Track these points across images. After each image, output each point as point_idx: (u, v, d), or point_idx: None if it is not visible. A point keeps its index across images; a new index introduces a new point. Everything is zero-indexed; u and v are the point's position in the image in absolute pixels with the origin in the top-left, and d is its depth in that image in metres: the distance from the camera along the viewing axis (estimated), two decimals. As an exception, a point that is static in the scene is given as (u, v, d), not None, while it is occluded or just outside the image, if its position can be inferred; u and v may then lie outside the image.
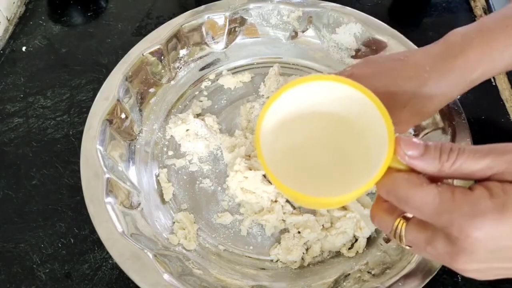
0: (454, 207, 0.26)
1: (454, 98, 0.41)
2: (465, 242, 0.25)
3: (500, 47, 0.38)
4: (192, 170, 0.51)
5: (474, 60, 0.38)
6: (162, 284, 0.39)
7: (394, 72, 0.40)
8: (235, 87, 0.57)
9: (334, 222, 0.46)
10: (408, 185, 0.27)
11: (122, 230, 0.42)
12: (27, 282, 0.44)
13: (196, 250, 0.46)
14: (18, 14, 0.65)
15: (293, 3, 0.57)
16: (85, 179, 0.44)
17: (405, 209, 0.28)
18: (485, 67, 0.38)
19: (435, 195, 0.26)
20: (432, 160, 0.27)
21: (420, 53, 0.41)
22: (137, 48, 0.53)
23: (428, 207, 0.26)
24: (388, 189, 0.28)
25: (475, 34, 0.39)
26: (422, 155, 0.27)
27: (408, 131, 0.51)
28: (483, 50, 0.38)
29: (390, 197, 0.29)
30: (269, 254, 0.46)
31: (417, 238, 0.28)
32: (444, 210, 0.26)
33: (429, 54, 0.40)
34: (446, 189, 0.26)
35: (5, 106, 0.56)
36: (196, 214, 0.48)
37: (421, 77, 0.39)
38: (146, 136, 0.53)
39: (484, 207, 0.25)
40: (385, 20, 0.55)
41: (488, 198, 0.25)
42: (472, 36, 0.38)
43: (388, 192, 0.29)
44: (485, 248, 0.26)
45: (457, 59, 0.38)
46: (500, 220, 0.25)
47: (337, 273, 0.43)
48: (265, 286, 0.43)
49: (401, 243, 0.30)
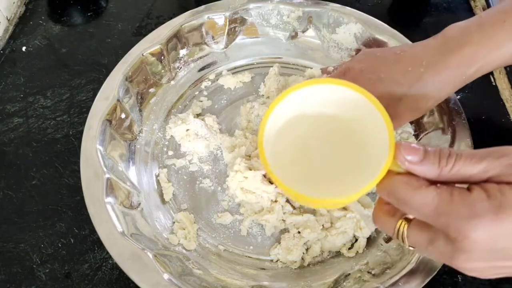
0: (452, 209, 0.26)
1: (450, 93, 0.41)
2: (463, 242, 0.26)
3: (497, 43, 0.38)
4: (192, 170, 0.51)
5: (470, 56, 0.38)
6: (162, 284, 0.39)
7: (391, 65, 0.41)
8: (235, 87, 0.57)
9: (334, 222, 0.46)
10: (407, 188, 0.28)
11: (122, 230, 0.42)
12: (27, 282, 0.44)
13: (196, 250, 0.46)
14: (18, 14, 0.65)
15: (293, 3, 0.57)
16: (85, 179, 0.44)
17: (406, 210, 0.29)
18: (482, 63, 0.38)
19: (434, 197, 0.27)
20: (432, 165, 0.27)
21: (417, 47, 0.41)
22: (137, 48, 0.53)
23: (427, 209, 0.27)
24: (388, 191, 0.29)
25: (473, 29, 0.39)
26: (422, 161, 0.27)
27: (410, 136, 0.51)
28: (480, 46, 0.38)
29: (390, 199, 0.29)
30: (269, 254, 0.46)
31: (419, 238, 0.29)
32: (443, 212, 0.26)
33: (426, 49, 0.40)
34: (444, 190, 0.27)
35: (5, 106, 0.56)
36: (196, 214, 0.48)
37: (417, 72, 0.39)
38: (146, 136, 0.53)
39: (481, 209, 0.25)
40: (385, 20, 0.55)
41: (485, 200, 0.26)
42: (470, 31, 0.39)
43: (389, 194, 0.29)
44: (483, 248, 0.26)
45: (454, 54, 0.38)
46: (497, 221, 0.25)
47: (337, 273, 0.43)
48: (265, 286, 0.43)
49: (404, 244, 0.30)
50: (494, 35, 0.38)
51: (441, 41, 0.39)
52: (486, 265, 0.27)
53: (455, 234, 0.26)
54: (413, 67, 0.39)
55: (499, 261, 0.27)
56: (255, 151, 0.50)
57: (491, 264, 0.27)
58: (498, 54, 0.38)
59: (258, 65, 0.59)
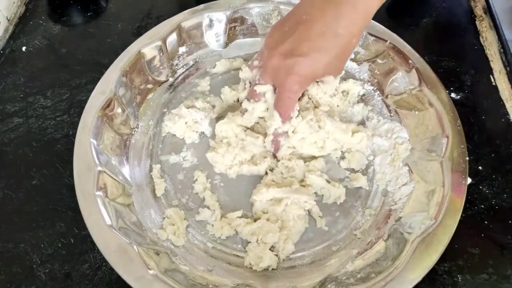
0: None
1: (360, 26, 0.43)
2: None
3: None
4: (185, 167, 0.51)
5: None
6: (146, 278, 0.39)
7: (304, 31, 0.44)
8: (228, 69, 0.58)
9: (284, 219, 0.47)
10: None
11: (110, 223, 0.42)
12: (27, 282, 0.44)
13: (184, 246, 0.46)
14: (18, 14, 0.65)
15: (294, 3, 0.57)
16: (78, 171, 0.44)
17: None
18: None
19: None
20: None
21: (302, 6, 0.45)
22: (136, 44, 0.54)
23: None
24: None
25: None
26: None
27: (405, 141, 0.51)
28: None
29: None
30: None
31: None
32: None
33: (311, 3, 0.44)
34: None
35: (5, 106, 0.56)
36: (187, 210, 0.48)
37: (330, 34, 0.43)
38: (141, 131, 0.53)
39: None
40: (385, 20, 0.55)
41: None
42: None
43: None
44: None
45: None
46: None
47: (323, 275, 0.43)
48: (250, 285, 0.43)
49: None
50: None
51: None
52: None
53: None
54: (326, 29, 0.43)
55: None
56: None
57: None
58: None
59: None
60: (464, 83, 0.57)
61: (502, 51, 0.60)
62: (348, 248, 0.45)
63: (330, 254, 0.46)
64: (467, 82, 0.57)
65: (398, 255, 0.41)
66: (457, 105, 0.49)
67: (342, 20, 0.42)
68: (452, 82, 0.57)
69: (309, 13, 0.43)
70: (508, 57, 0.59)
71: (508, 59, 0.59)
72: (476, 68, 0.59)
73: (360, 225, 0.47)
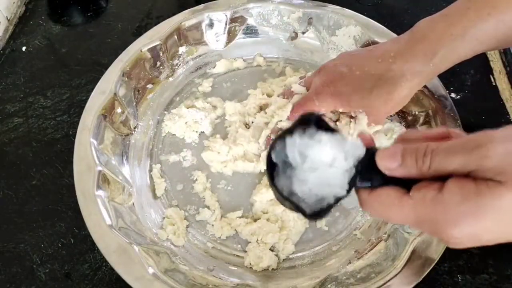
0: (431, 218, 0.27)
1: (422, 83, 0.42)
2: (449, 241, 0.27)
3: (460, 29, 0.39)
4: (185, 166, 0.51)
5: (435, 42, 0.40)
6: (146, 278, 0.39)
7: (363, 59, 0.43)
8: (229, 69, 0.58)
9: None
10: (383, 208, 0.28)
11: (110, 223, 0.42)
12: (27, 282, 0.44)
13: (184, 246, 0.46)
14: (18, 14, 0.65)
15: (294, 4, 0.57)
16: (78, 171, 0.44)
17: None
18: (447, 49, 0.40)
19: (409, 211, 0.27)
20: (411, 167, 0.27)
21: (388, 42, 0.44)
22: (136, 44, 0.54)
23: (408, 221, 0.28)
24: (369, 211, 0.30)
25: (438, 19, 0.41)
26: (400, 165, 0.27)
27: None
28: (444, 33, 0.39)
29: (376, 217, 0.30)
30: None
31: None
32: (423, 221, 0.27)
33: (396, 42, 0.42)
34: (418, 200, 0.27)
35: (5, 106, 0.56)
36: (187, 210, 0.48)
37: (386, 63, 0.41)
38: (141, 131, 0.53)
39: (458, 214, 0.26)
40: (385, 20, 0.55)
41: (460, 203, 0.25)
42: (435, 21, 0.41)
43: (371, 214, 0.30)
44: (469, 242, 0.27)
45: (419, 43, 0.40)
46: (476, 222, 0.25)
47: (323, 275, 0.43)
48: (250, 285, 0.43)
49: None
50: (458, 22, 0.39)
51: (409, 34, 0.42)
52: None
53: (441, 236, 0.27)
54: (382, 59, 0.41)
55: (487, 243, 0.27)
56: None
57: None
58: (462, 40, 0.39)
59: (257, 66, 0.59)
60: (464, 83, 0.57)
61: (502, 51, 0.60)
62: (348, 248, 0.46)
63: (330, 254, 0.46)
64: (467, 82, 0.57)
65: (398, 255, 0.41)
66: (457, 105, 0.49)
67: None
68: (452, 82, 0.57)
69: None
70: (508, 57, 0.59)
71: (508, 59, 0.59)
72: (476, 68, 0.59)
73: (360, 225, 0.47)
